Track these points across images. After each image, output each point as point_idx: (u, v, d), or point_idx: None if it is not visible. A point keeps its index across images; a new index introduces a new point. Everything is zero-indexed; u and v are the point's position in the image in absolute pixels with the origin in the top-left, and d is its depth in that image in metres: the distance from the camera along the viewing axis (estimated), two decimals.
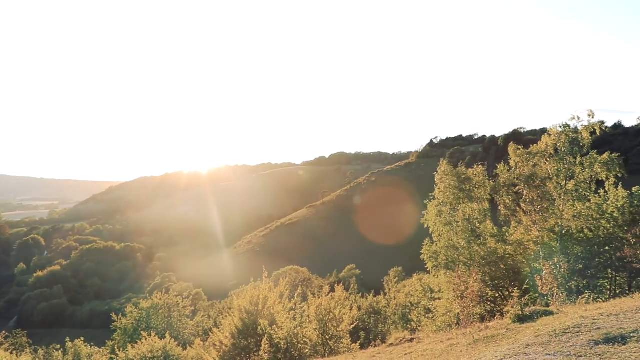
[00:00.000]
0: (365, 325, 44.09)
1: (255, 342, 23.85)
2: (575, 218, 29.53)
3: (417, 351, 14.36)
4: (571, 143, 29.41)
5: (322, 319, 25.69)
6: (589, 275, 28.27)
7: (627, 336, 8.16)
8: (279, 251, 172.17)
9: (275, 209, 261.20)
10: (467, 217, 29.96)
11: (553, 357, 7.84)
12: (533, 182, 29.57)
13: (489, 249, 29.41)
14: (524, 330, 11.44)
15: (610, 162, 28.67)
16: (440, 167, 31.63)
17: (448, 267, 29.37)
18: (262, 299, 25.58)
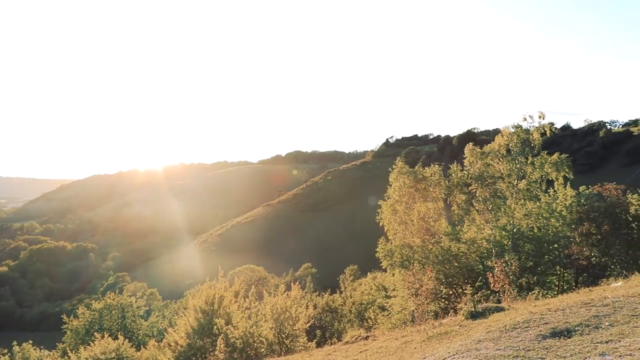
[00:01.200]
0: (321, 324, 44.20)
1: (211, 342, 23.65)
2: (526, 217, 30.29)
3: (372, 349, 14.50)
4: (523, 143, 30.16)
5: (278, 318, 25.68)
6: (539, 272, 29.03)
7: (572, 330, 8.44)
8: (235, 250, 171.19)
9: (231, 207, 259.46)
10: (422, 216, 30.33)
11: (503, 352, 8.05)
12: (486, 182, 30.18)
13: (443, 248, 29.87)
14: (476, 326, 11.69)
15: (559, 162, 29.53)
16: (395, 166, 31.93)
17: (403, 266, 29.68)
18: (218, 298, 25.39)
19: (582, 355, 7.08)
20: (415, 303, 21.18)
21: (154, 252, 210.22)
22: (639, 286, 11.90)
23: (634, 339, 7.29)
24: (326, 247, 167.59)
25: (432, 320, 17.36)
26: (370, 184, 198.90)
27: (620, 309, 9.22)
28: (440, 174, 31.41)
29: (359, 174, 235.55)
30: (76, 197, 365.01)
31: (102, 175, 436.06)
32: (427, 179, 30.94)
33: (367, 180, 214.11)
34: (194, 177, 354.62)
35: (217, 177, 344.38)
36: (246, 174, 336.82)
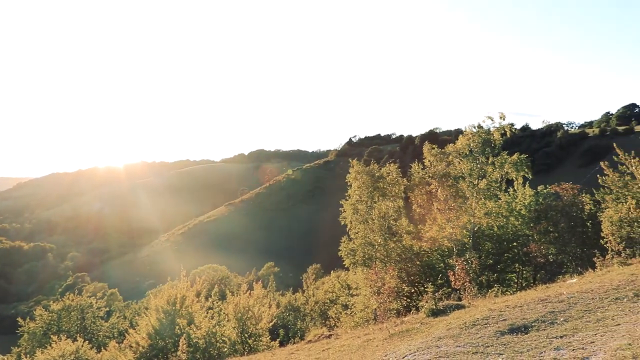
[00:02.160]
0: (284, 323, 44.19)
1: (173, 342, 23.38)
2: (486, 215, 30.83)
3: (334, 347, 14.56)
4: (484, 144, 30.65)
5: (241, 317, 25.55)
6: (499, 270, 29.58)
7: (529, 325, 8.64)
8: (197, 249, 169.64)
9: (193, 206, 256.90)
10: (383, 214, 30.56)
11: (462, 348, 8.18)
12: (447, 181, 30.57)
13: (405, 246, 30.16)
14: (437, 323, 11.84)
15: (519, 162, 30.13)
16: (352, 167, 32.09)
17: (365, 264, 29.87)
18: (180, 298, 25.10)
19: (538, 350, 7.26)
20: (378, 301, 21.32)
21: (114, 251, 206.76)
22: (592, 282, 12.23)
23: (587, 333, 7.50)
24: (289, 246, 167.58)
25: (394, 318, 17.51)
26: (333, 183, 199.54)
27: (575, 304, 9.47)
28: (397, 172, 31.66)
29: (322, 173, 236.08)
30: (33, 195, 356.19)
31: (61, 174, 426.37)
32: (384, 178, 31.18)
33: (330, 180, 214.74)
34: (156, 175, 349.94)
35: (179, 175, 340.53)
36: (209, 173, 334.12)
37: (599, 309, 8.80)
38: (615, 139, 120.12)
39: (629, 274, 12.00)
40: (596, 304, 9.23)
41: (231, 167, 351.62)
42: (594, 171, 31.67)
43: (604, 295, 9.76)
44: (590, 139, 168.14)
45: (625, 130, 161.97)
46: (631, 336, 6.82)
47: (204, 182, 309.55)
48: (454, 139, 32.21)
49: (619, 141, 33.84)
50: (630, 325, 7.42)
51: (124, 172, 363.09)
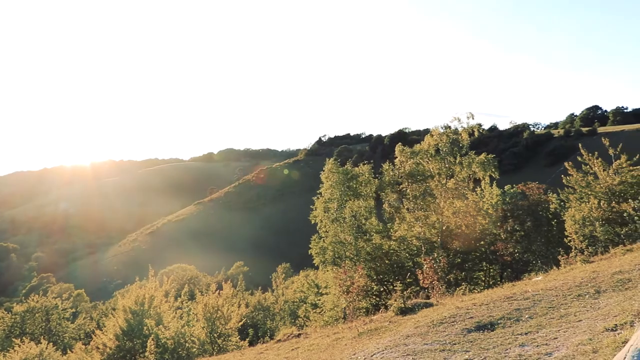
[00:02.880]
0: (253, 322, 44.08)
1: (141, 343, 23.14)
2: (454, 214, 31.19)
3: (303, 346, 14.58)
4: (452, 143, 31.01)
5: (210, 317, 25.41)
6: (466, 268, 29.97)
7: (495, 323, 8.79)
8: (165, 249, 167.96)
9: (162, 205, 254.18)
10: (354, 213, 30.73)
11: (430, 346, 8.29)
12: (416, 180, 30.87)
13: (374, 245, 30.35)
14: (405, 322, 11.95)
15: (486, 162, 30.57)
16: (326, 165, 32.21)
17: (335, 263, 29.97)
18: (148, 298, 24.86)
19: (503, 347, 7.39)
20: (347, 300, 21.44)
21: (81, 251, 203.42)
22: (556, 280, 12.48)
23: (550, 330, 7.67)
24: (258, 246, 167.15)
25: (363, 317, 17.62)
26: (303, 182, 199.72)
27: (539, 302, 9.66)
28: (370, 172, 31.90)
29: (291, 172, 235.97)
30: None
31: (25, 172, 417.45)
32: (357, 178, 31.37)
33: (299, 179, 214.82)
34: (124, 174, 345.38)
35: (147, 174, 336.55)
36: (178, 172, 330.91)
37: (562, 306, 9.00)
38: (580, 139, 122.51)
39: (591, 272, 12.29)
40: (559, 301, 9.43)
41: (200, 165, 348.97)
42: (559, 171, 32.35)
43: (567, 292, 9.98)
44: (555, 139, 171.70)
45: (588, 131, 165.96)
46: (592, 331, 6.99)
47: (172, 180, 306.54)
48: (423, 139, 32.53)
49: (583, 142, 34.61)
50: (591, 321, 7.61)
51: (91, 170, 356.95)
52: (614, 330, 6.72)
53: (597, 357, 5.87)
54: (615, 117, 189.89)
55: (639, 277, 9.98)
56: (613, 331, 6.68)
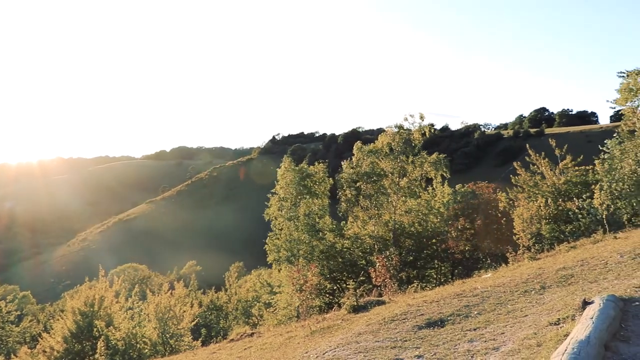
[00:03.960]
0: (206, 322, 43.67)
1: (90, 346, 22.66)
2: (407, 213, 31.62)
3: (256, 345, 14.54)
4: (404, 143, 31.42)
5: (162, 317, 25.09)
6: (418, 266, 30.39)
7: (445, 319, 8.96)
8: (116, 248, 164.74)
9: (112, 204, 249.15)
10: (308, 212, 30.80)
11: (381, 343, 8.38)
12: (371, 179, 31.16)
13: (328, 243, 30.50)
14: (357, 319, 12.06)
15: (438, 161, 31.10)
16: (283, 163, 32.20)
17: (289, 261, 29.99)
18: (98, 299, 24.33)
19: (453, 343, 7.53)
20: (300, 299, 21.45)
21: (27, 252, 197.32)
22: (504, 277, 12.80)
23: (498, 325, 7.87)
24: (211, 245, 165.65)
25: (316, 315, 17.69)
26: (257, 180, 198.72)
27: (488, 298, 9.89)
28: (325, 171, 32.04)
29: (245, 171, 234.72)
30: None
31: None
32: (312, 176, 31.47)
33: (253, 177, 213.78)
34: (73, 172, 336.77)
35: (98, 172, 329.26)
36: (129, 169, 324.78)
37: (510, 302, 9.24)
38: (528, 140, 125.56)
39: (537, 268, 12.65)
40: (507, 297, 9.67)
41: (152, 163, 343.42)
42: (508, 171, 33.16)
43: (514, 288, 10.25)
44: (505, 140, 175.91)
45: (536, 132, 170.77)
46: (537, 326, 7.21)
47: (123, 178, 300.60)
48: (376, 138, 32.85)
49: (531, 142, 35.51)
50: (536, 315, 7.84)
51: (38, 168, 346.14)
52: (557, 324, 6.94)
53: (541, 350, 6.05)
54: (561, 119, 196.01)
55: (581, 273, 10.34)
56: (556, 325, 6.90)
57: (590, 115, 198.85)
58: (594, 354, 5.30)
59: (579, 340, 5.40)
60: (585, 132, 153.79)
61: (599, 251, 13.22)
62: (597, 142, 30.16)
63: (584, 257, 12.54)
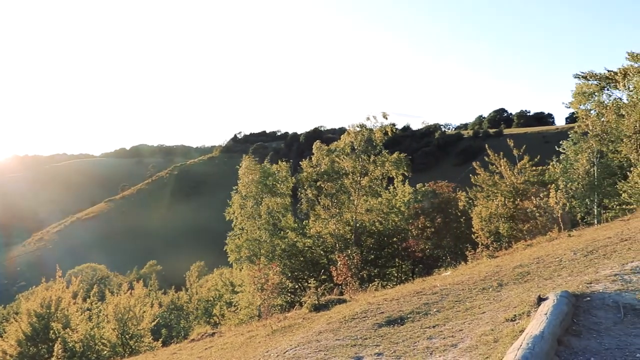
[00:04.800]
0: (167, 322, 43.18)
1: (47, 348, 22.15)
2: (368, 212, 31.83)
3: (217, 345, 14.45)
4: (366, 142, 31.63)
5: (122, 318, 24.71)
6: (380, 265, 30.67)
7: (405, 317, 9.05)
8: (74, 248, 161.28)
9: (70, 203, 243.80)
10: (270, 211, 30.74)
11: (342, 341, 8.42)
12: (330, 178, 31.27)
13: (290, 242, 30.50)
14: (318, 318, 12.08)
15: (399, 161, 31.41)
16: (244, 162, 32.06)
17: (250, 260, 29.89)
18: (55, 300, 23.81)
19: (412, 340, 7.61)
20: (262, 298, 21.40)
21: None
22: (463, 274, 13.00)
23: (456, 322, 7.98)
24: (172, 244, 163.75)
25: (278, 314, 17.68)
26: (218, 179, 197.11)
27: (447, 296, 10.03)
28: (287, 170, 32.02)
29: (206, 169, 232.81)
30: None
31: None
32: (274, 175, 31.42)
33: (214, 176, 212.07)
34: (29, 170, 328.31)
35: (54, 170, 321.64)
36: (87, 168, 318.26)
37: (468, 299, 9.38)
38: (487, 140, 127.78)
39: (495, 266, 12.88)
40: (465, 294, 9.82)
41: (111, 161, 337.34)
42: (467, 170, 33.71)
43: (472, 286, 10.42)
44: (465, 140, 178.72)
45: (495, 132, 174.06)
46: (494, 322, 7.34)
47: (82, 177, 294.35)
48: (338, 137, 33.00)
49: (490, 142, 36.23)
50: (493, 312, 7.98)
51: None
52: (514, 320, 7.08)
53: (497, 346, 6.16)
54: (520, 120, 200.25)
55: (537, 270, 10.57)
56: (512, 321, 7.04)
57: (547, 116, 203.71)
58: (548, 348, 5.43)
59: (533, 336, 5.53)
60: (542, 133, 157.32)
61: (554, 249, 13.53)
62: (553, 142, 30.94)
63: (539, 254, 12.81)
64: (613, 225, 15.99)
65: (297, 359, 8.19)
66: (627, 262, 9.04)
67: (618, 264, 9.10)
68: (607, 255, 10.11)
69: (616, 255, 9.93)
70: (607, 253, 10.33)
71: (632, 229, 12.55)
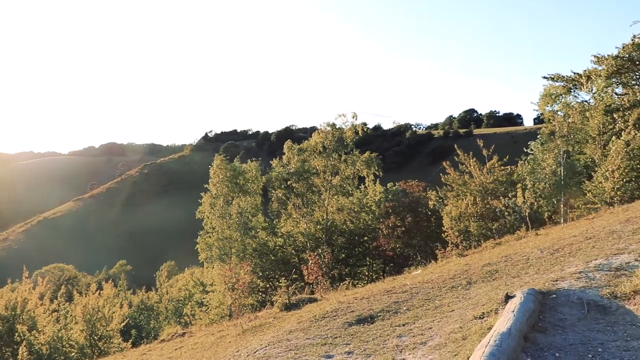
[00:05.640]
0: (137, 323, 42.68)
1: (11, 352, 21.69)
2: (339, 211, 31.94)
3: (187, 345, 14.35)
4: (337, 141, 31.75)
5: (90, 319, 24.33)
6: (350, 264, 30.77)
7: (375, 316, 9.11)
8: (41, 248, 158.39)
9: (37, 202, 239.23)
10: (241, 210, 30.64)
11: (312, 340, 8.44)
12: (301, 177, 31.31)
13: (260, 241, 30.44)
14: (289, 317, 12.09)
15: (370, 160, 31.59)
16: (215, 161, 31.92)
17: (221, 260, 29.76)
18: (21, 302, 23.31)
19: (382, 339, 7.66)
20: (232, 297, 21.34)
21: None
22: (433, 273, 13.14)
23: (426, 320, 8.07)
24: (142, 243, 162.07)
25: (249, 314, 17.63)
26: (189, 178, 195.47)
27: (417, 294, 10.12)
28: (257, 169, 31.96)
29: (177, 168, 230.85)
30: None
31: None
32: (245, 174, 31.34)
33: (185, 175, 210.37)
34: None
35: (21, 168, 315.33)
36: (55, 166, 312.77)
37: (437, 297, 9.48)
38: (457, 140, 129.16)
39: (464, 264, 13.04)
40: (435, 292, 9.93)
41: (80, 160, 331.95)
42: (438, 170, 34.02)
43: (442, 284, 10.53)
44: (435, 139, 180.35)
45: (465, 132, 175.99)
46: (462, 320, 7.44)
47: (49, 175, 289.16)
48: (309, 137, 33.06)
49: (460, 142, 36.65)
50: (462, 310, 8.08)
51: None
52: (482, 318, 7.18)
53: (466, 343, 6.25)
54: (489, 120, 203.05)
55: (505, 268, 10.73)
56: (481, 319, 7.15)
57: (516, 117, 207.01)
58: (514, 344, 5.53)
59: (500, 333, 5.63)
60: (511, 133, 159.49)
61: (521, 247, 13.75)
62: (522, 143, 31.43)
63: (508, 253, 13.01)
64: (578, 224, 16.30)
65: (267, 359, 8.19)
66: (591, 260, 9.24)
67: (583, 261, 9.29)
68: (573, 254, 10.31)
69: (581, 253, 10.13)
70: (572, 251, 10.54)
71: (596, 228, 12.82)
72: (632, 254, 9.02)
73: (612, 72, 28.95)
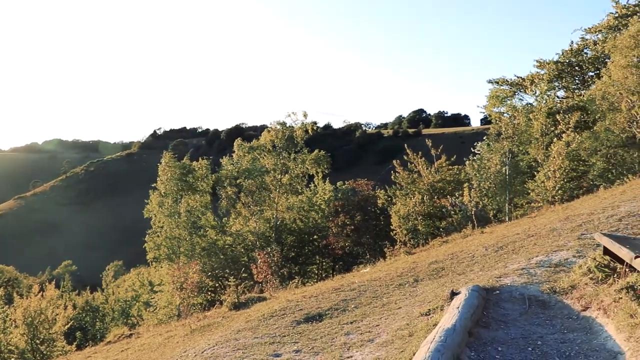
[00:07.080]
0: (82, 325, 41.66)
1: None
2: (288, 209, 31.97)
3: (134, 347, 14.10)
4: (287, 140, 31.76)
5: (32, 322, 23.58)
6: (300, 262, 30.85)
7: (324, 314, 9.15)
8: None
9: None
10: (189, 208, 30.29)
11: (260, 339, 8.42)
12: (251, 175, 31.19)
13: (210, 240, 30.16)
14: (237, 317, 12.01)
15: (319, 158, 31.74)
16: (163, 159, 31.46)
17: (169, 259, 29.37)
18: None
19: (330, 337, 7.70)
20: (181, 297, 21.08)
21: None
22: (381, 271, 13.29)
23: (373, 318, 8.15)
24: (88, 243, 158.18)
25: (198, 314, 17.43)
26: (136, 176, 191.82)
27: (365, 292, 10.21)
28: (207, 167, 31.68)
29: (124, 166, 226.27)
30: None
31: None
32: (195, 172, 31.01)
33: (133, 172, 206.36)
34: None
35: None
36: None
37: (385, 295, 9.59)
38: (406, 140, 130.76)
39: (412, 262, 13.24)
40: (383, 290, 10.03)
41: (22, 156, 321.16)
42: (387, 169, 34.43)
43: (389, 282, 10.65)
44: (385, 139, 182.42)
45: (414, 132, 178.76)
46: (409, 317, 7.55)
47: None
48: (260, 135, 32.97)
49: (409, 142, 37.12)
50: (409, 307, 8.20)
51: None
52: (428, 314, 7.30)
53: (412, 339, 6.34)
54: (437, 121, 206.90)
55: (451, 266, 10.95)
56: (427, 315, 7.27)
57: (464, 117, 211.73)
58: (459, 340, 5.65)
59: (445, 329, 5.74)
60: (459, 134, 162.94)
61: (467, 245, 14.05)
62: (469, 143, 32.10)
63: (454, 250, 13.27)
64: (521, 222, 16.76)
65: (215, 358, 8.12)
66: (532, 257, 9.52)
67: (525, 258, 9.57)
68: (516, 251, 10.60)
69: (523, 250, 10.42)
70: (515, 248, 10.83)
71: (538, 226, 13.20)
72: (570, 251, 9.34)
73: (554, 76, 29.99)
